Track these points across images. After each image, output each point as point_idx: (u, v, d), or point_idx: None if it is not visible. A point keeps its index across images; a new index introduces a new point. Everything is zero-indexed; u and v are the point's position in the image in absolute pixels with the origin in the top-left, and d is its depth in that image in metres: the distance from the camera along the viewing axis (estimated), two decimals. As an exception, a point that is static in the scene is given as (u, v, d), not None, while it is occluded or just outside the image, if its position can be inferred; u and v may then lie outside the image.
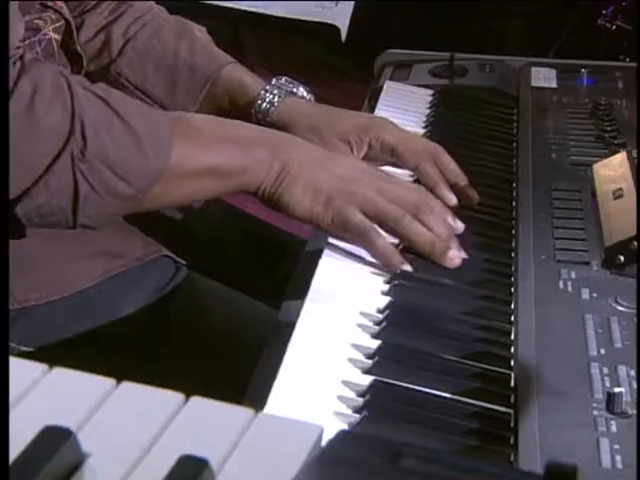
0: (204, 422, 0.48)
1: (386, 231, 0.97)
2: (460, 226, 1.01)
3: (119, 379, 0.99)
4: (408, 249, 0.98)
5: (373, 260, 0.98)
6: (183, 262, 1.12)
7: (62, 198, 0.88)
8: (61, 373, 0.49)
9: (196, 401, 0.48)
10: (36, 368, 0.49)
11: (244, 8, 2.06)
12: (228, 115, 1.14)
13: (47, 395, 0.48)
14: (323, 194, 0.96)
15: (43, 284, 1.02)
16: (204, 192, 1.00)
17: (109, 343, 1.04)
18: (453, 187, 1.08)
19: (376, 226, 0.96)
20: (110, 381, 0.49)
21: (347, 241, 0.98)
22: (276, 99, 1.15)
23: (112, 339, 1.04)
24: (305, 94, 1.18)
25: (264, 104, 1.15)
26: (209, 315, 1.09)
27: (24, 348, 1.02)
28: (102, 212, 0.92)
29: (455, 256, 0.96)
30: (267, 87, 1.16)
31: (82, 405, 0.47)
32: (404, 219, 0.96)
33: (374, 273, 0.96)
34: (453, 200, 1.07)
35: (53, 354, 1.02)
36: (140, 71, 1.18)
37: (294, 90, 1.17)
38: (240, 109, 1.16)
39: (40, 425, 0.46)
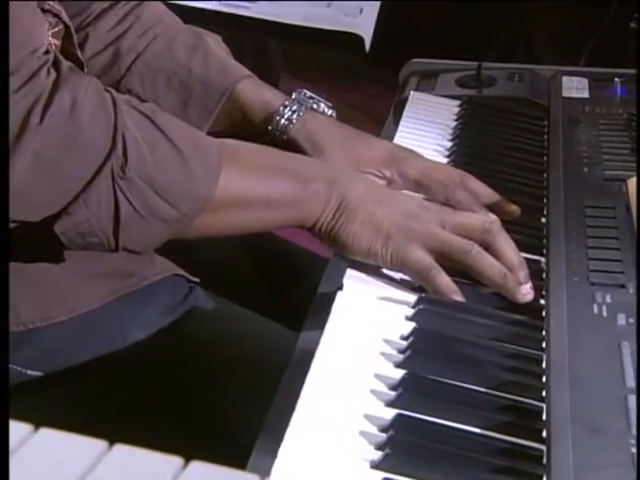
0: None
1: (454, 264, 0.93)
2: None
3: (129, 408, 0.97)
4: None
5: (398, 283, 0.94)
6: (197, 280, 1.07)
7: (102, 217, 0.85)
8: (47, 435, 0.44)
9: (196, 466, 0.44)
10: (19, 428, 0.44)
11: (265, 18, 2.04)
12: (244, 132, 1.10)
13: (31, 460, 0.43)
14: (382, 231, 0.93)
15: (48, 305, 0.98)
16: (255, 224, 0.96)
17: (119, 369, 0.99)
18: (490, 208, 1.05)
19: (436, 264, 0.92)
20: (101, 443, 0.44)
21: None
22: (294, 115, 1.10)
23: (122, 365, 0.99)
24: (326, 110, 1.13)
25: (282, 120, 1.10)
26: (223, 340, 1.04)
27: (31, 372, 0.97)
28: (145, 236, 0.88)
29: (527, 292, 0.91)
30: (286, 102, 1.11)
31: (70, 472, 0.42)
32: (472, 250, 0.92)
33: (398, 297, 0.92)
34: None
35: (61, 380, 0.98)
36: (151, 87, 1.13)
37: (314, 106, 1.12)
38: (257, 126, 1.12)
39: (21, 496, 0.41)
